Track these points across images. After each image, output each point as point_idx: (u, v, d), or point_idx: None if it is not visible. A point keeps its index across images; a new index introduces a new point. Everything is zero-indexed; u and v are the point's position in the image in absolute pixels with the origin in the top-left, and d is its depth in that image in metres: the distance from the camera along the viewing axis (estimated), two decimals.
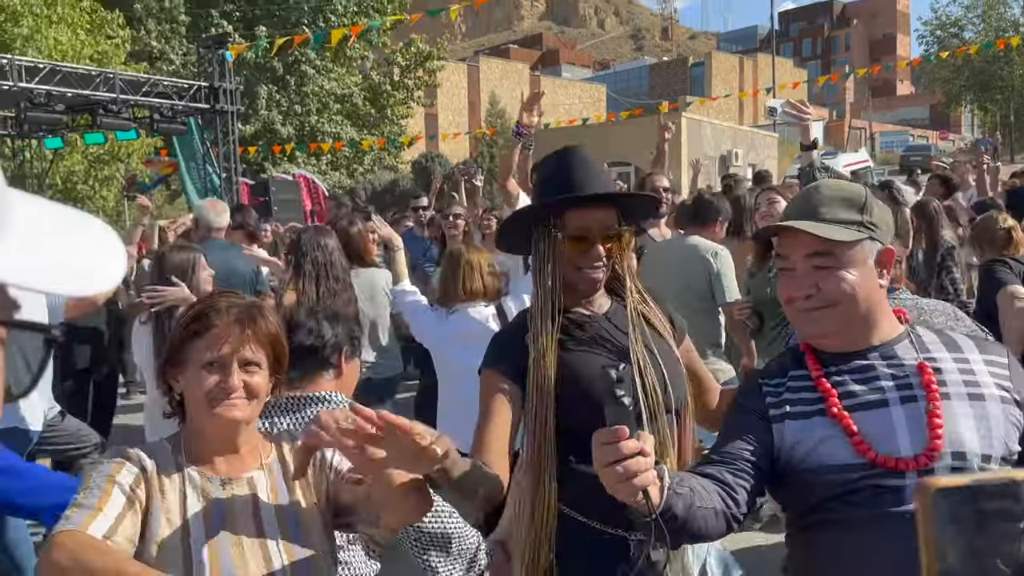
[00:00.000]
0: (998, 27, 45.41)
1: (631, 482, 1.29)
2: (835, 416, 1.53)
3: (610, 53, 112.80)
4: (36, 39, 17.28)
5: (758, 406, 1.62)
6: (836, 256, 1.55)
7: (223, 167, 14.06)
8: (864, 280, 1.56)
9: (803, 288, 1.57)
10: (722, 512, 1.49)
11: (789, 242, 1.60)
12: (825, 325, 1.58)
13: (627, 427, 1.29)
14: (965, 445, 1.48)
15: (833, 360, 1.60)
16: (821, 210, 1.58)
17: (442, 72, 30.45)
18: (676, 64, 69.68)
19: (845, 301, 1.55)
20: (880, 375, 1.57)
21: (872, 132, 50.63)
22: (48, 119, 12.41)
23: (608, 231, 1.87)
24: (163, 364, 1.68)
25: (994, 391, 1.55)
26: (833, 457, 1.52)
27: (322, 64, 24.98)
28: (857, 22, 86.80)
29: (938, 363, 1.57)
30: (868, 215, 1.59)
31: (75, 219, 0.62)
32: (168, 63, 22.88)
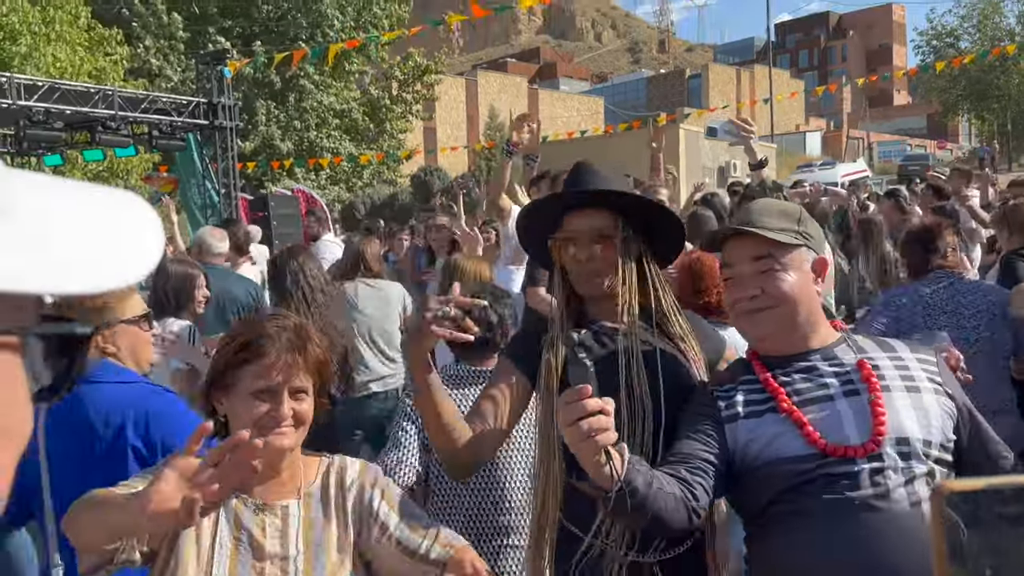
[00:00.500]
0: (993, 36, 45.64)
1: (594, 439, 1.34)
2: (785, 411, 1.63)
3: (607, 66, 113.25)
4: (34, 57, 17.33)
5: (710, 410, 1.70)
6: (777, 259, 1.69)
7: (222, 183, 14.08)
8: (803, 284, 1.70)
9: (748, 290, 1.69)
10: (682, 500, 1.53)
11: (734, 250, 1.73)
12: (769, 325, 1.69)
13: (589, 386, 1.34)
14: (907, 431, 1.59)
15: (778, 364, 1.71)
16: (762, 219, 1.71)
17: (440, 86, 30.55)
18: (673, 76, 69.98)
19: (787, 301, 1.68)
20: (823, 373, 1.68)
21: (870, 142, 50.76)
22: (47, 137, 12.42)
23: (600, 232, 1.87)
24: (208, 386, 1.66)
25: (927, 384, 1.68)
26: (786, 450, 1.60)
27: (320, 79, 25.05)
28: (853, 33, 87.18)
29: (875, 361, 1.70)
30: (803, 227, 1.73)
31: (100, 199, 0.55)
32: (167, 80, 22.94)
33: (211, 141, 14.17)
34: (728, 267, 1.74)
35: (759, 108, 54.50)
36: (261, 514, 1.59)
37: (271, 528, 1.59)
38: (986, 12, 47.21)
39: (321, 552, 1.60)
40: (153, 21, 23.36)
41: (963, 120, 54.86)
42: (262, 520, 1.59)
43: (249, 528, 1.57)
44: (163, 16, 23.30)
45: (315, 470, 1.70)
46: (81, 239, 0.52)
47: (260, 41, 24.07)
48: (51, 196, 0.53)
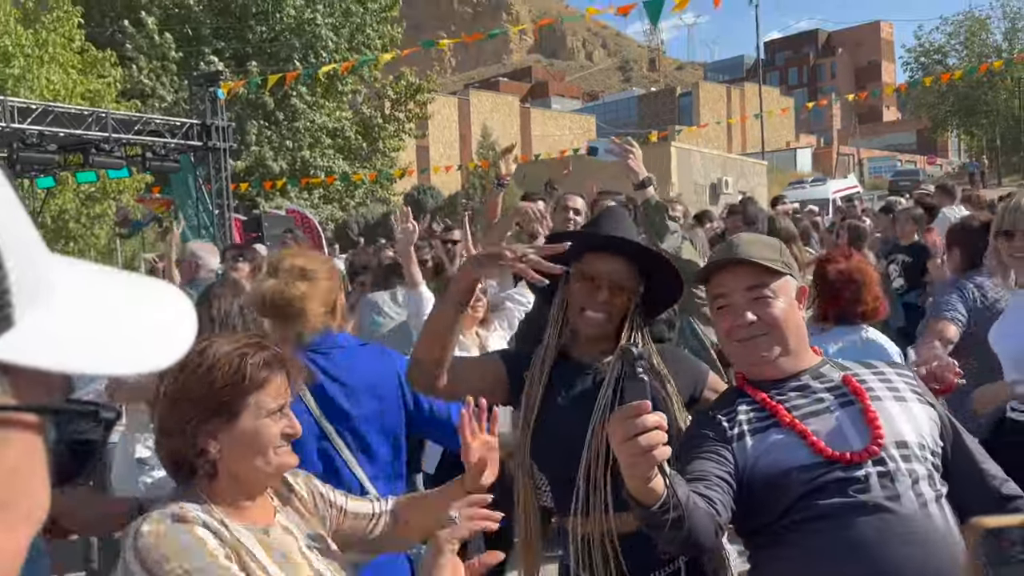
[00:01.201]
0: (981, 53, 46.12)
1: (651, 455, 1.34)
2: (788, 424, 1.70)
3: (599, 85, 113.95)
4: (28, 79, 17.37)
5: (715, 432, 1.74)
6: (769, 287, 1.78)
7: (216, 203, 14.10)
8: (792, 310, 1.80)
9: (743, 317, 1.76)
10: (711, 515, 1.55)
11: (726, 280, 1.81)
12: (765, 350, 1.77)
13: (647, 401, 1.35)
14: (904, 435, 1.67)
15: (771, 385, 1.78)
16: (751, 250, 1.80)
17: (433, 105, 30.68)
18: (664, 94, 70.41)
19: (778, 327, 1.77)
20: (816, 389, 1.77)
21: (860, 158, 51.09)
22: (40, 159, 12.44)
23: (619, 280, 1.97)
24: (197, 423, 1.55)
25: (911, 394, 1.78)
26: (795, 460, 1.65)
27: (313, 100, 25.13)
28: (842, 51, 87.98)
29: (860, 376, 1.79)
30: (785, 257, 1.84)
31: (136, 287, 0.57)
32: (160, 100, 22.99)
33: (204, 162, 14.20)
34: (721, 296, 1.82)
35: (750, 125, 54.87)
36: (271, 533, 1.61)
37: (289, 540, 1.63)
38: (973, 29, 47.73)
39: (318, 538, 1.69)
40: (146, 42, 23.41)
41: (952, 136, 55.29)
42: (275, 538, 1.61)
43: (274, 546, 1.59)
44: (155, 36, 23.36)
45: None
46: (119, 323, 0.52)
47: (254, 62, 24.14)
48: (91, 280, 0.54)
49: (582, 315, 1.97)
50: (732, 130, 57.31)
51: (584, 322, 1.98)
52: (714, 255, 1.92)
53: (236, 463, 1.57)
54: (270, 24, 25.35)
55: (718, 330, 1.87)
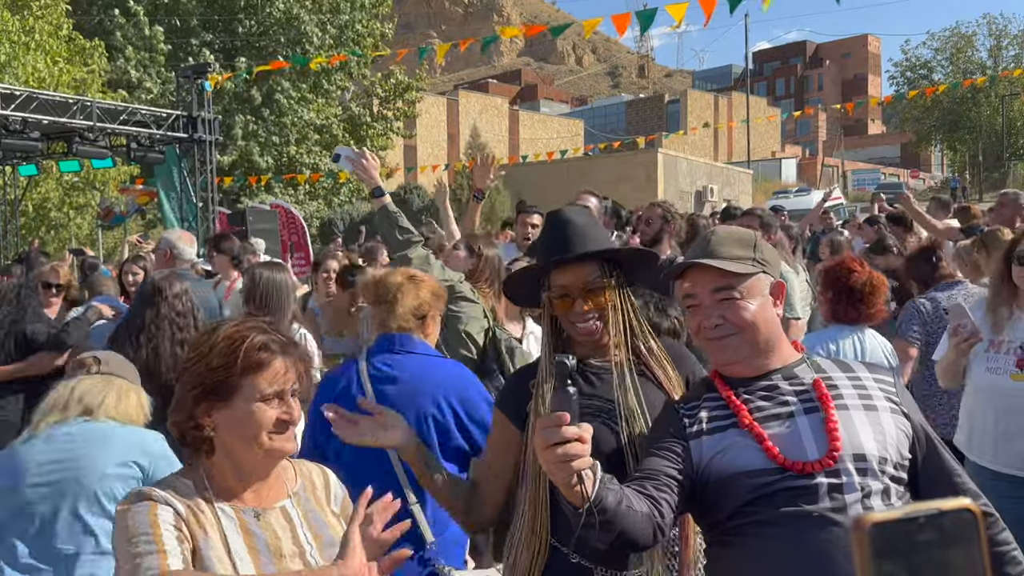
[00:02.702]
0: (966, 69, 46.62)
1: (568, 464, 1.39)
2: (747, 426, 1.68)
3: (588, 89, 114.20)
4: (13, 66, 17.18)
5: (675, 427, 1.76)
6: (736, 288, 1.75)
7: (200, 196, 14.01)
8: (762, 309, 1.77)
9: (710, 318, 1.76)
10: (648, 517, 1.58)
11: (694, 280, 1.80)
12: (732, 352, 1.76)
13: (569, 413, 1.39)
14: (864, 448, 1.64)
15: (741, 383, 1.77)
16: (719, 250, 1.78)
17: (421, 104, 30.63)
18: (652, 101, 70.70)
19: (748, 328, 1.74)
20: (784, 392, 1.74)
21: (844, 170, 51.49)
22: (23, 146, 12.32)
23: (589, 286, 1.96)
24: (195, 400, 1.62)
25: (884, 403, 1.73)
26: (747, 464, 1.65)
27: (299, 95, 25.03)
28: (829, 63, 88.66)
29: (833, 380, 1.76)
30: (759, 253, 1.81)
31: None
32: (147, 92, 22.82)
33: (190, 154, 14.11)
34: (689, 296, 1.81)
35: (736, 135, 55.17)
36: (264, 518, 1.63)
37: (280, 529, 1.64)
38: (959, 45, 48.25)
39: (327, 534, 1.70)
40: (135, 33, 23.25)
41: (936, 150, 55.84)
42: (268, 523, 1.63)
43: (259, 533, 1.61)
44: (145, 28, 23.20)
45: (294, 471, 1.76)
46: None
47: (241, 56, 24.02)
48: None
49: (574, 327, 1.98)
50: (719, 139, 57.61)
51: (578, 333, 1.98)
52: (688, 251, 1.90)
53: (230, 443, 1.61)
54: (259, 18, 25.23)
55: (689, 327, 1.87)
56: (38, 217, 19.51)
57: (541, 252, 2.06)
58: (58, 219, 19.81)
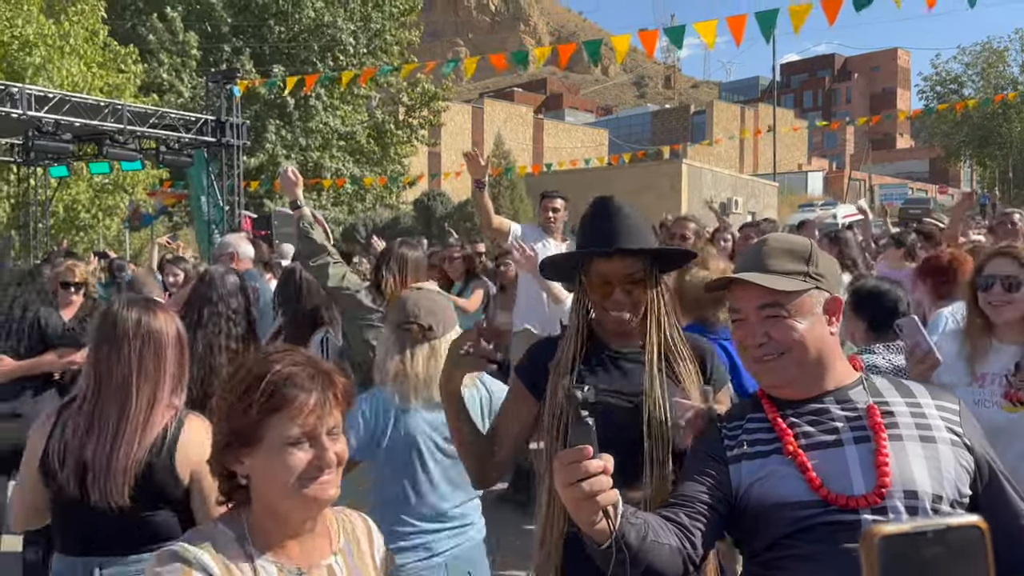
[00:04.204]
0: (997, 85, 46.07)
1: (595, 500, 1.30)
2: (790, 454, 1.58)
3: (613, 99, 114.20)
4: (48, 69, 17.48)
5: (716, 449, 1.67)
6: (784, 306, 1.63)
7: (227, 200, 14.17)
8: (813, 328, 1.63)
9: (755, 336, 1.64)
10: (678, 550, 1.51)
11: (740, 294, 1.68)
12: (781, 374, 1.64)
13: (591, 446, 1.31)
14: (916, 484, 1.51)
15: (789, 404, 1.66)
16: (768, 262, 1.67)
17: (447, 112, 30.78)
18: (678, 112, 70.51)
19: (796, 348, 1.62)
20: (835, 417, 1.61)
21: (871, 184, 51.05)
22: (55, 148, 12.53)
23: (630, 277, 2.00)
24: (223, 446, 1.44)
25: (945, 434, 1.59)
26: (789, 494, 1.55)
27: (329, 101, 25.25)
28: (858, 76, 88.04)
29: (890, 406, 1.62)
30: (814, 266, 1.67)
31: None
32: (177, 95, 23.12)
33: (217, 158, 14.28)
34: (735, 311, 1.70)
35: (762, 147, 54.87)
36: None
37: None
38: (990, 60, 47.71)
39: None
40: (170, 38, 23.58)
41: (965, 166, 55.20)
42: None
43: None
44: (180, 34, 23.53)
45: (337, 524, 1.58)
46: None
47: (273, 62, 24.30)
48: None
49: (606, 314, 2.02)
50: (744, 150, 57.32)
51: (609, 320, 2.02)
52: (738, 261, 1.82)
53: (265, 492, 1.43)
54: (288, 24, 25.50)
55: (733, 341, 1.76)
56: (68, 218, 19.79)
57: (588, 237, 2.05)
58: (87, 220, 20.08)
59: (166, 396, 2.18)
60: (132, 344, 2.17)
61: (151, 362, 2.17)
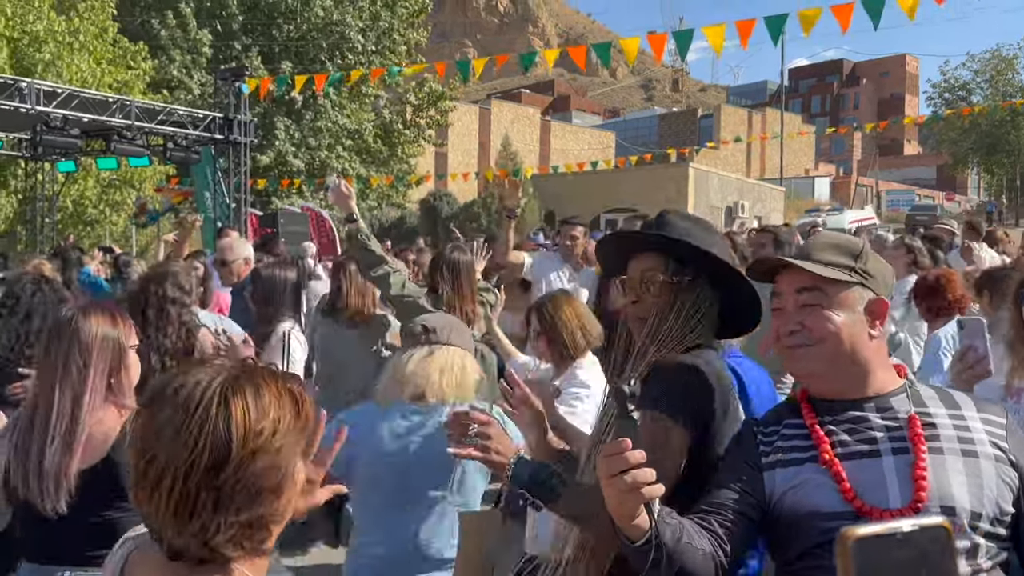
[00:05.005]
0: (1006, 92, 45.94)
1: (638, 492, 1.30)
2: (826, 463, 1.54)
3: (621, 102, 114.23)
4: (58, 65, 17.55)
5: (751, 454, 1.64)
6: (823, 294, 1.60)
7: (233, 197, 14.19)
8: (851, 324, 1.59)
9: (788, 324, 1.62)
10: (711, 556, 1.50)
11: (783, 279, 1.66)
12: (809, 364, 1.61)
13: (632, 440, 1.30)
14: (955, 500, 1.47)
15: (828, 409, 1.61)
16: (815, 253, 1.65)
17: (454, 113, 30.79)
18: (685, 115, 70.47)
19: (828, 340, 1.58)
20: (874, 426, 1.57)
21: (878, 190, 50.96)
22: (63, 143, 12.57)
23: (647, 275, 1.90)
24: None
25: (988, 449, 1.54)
26: (822, 504, 1.52)
27: (338, 100, 25.30)
28: (866, 81, 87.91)
29: (932, 417, 1.57)
30: (862, 263, 1.64)
31: None
32: (187, 91, 23.20)
33: (225, 155, 14.31)
34: (776, 297, 1.67)
35: (769, 152, 54.82)
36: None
37: None
38: (999, 68, 47.58)
39: None
40: (182, 35, 23.66)
41: (972, 173, 55.07)
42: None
43: None
44: (193, 31, 23.62)
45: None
46: None
47: (282, 59, 24.35)
48: None
49: (627, 317, 1.93)
50: (751, 155, 57.27)
51: (629, 323, 1.92)
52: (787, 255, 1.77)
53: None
54: (297, 23, 25.56)
55: (772, 330, 1.69)
56: (75, 213, 19.86)
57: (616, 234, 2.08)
58: (94, 216, 20.15)
59: (98, 398, 2.12)
60: (57, 347, 2.13)
61: (75, 364, 2.11)
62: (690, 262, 1.88)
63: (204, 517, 1.06)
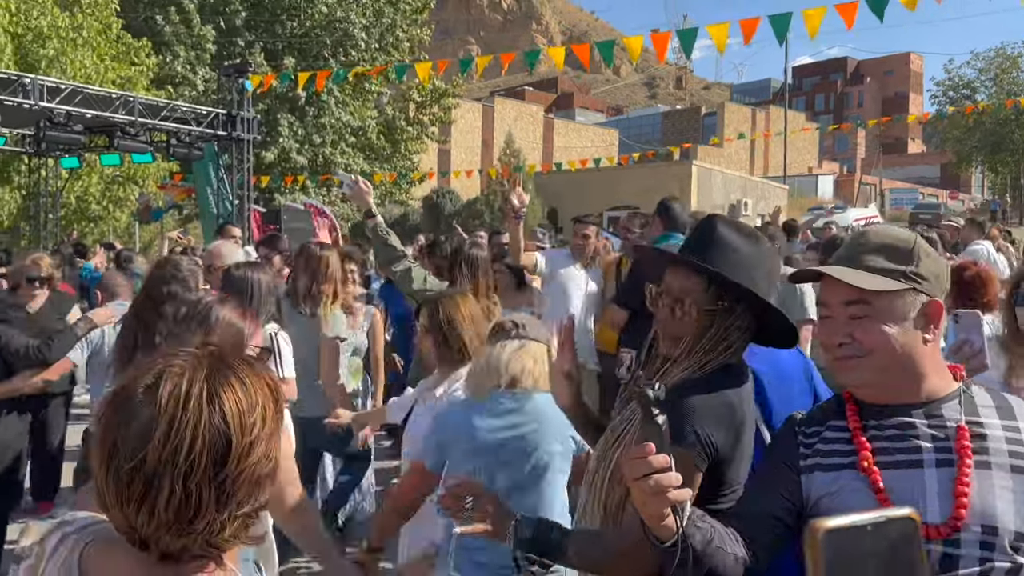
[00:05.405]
0: (1010, 91, 45.83)
1: (663, 496, 1.28)
2: (865, 471, 1.48)
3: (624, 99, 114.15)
4: (61, 61, 17.57)
5: (790, 456, 1.58)
6: (872, 305, 1.50)
7: (236, 194, 14.20)
8: (904, 333, 1.50)
9: (837, 335, 1.53)
10: (742, 560, 1.48)
11: (828, 289, 1.56)
12: (859, 375, 1.53)
13: (657, 445, 1.29)
14: (997, 519, 1.40)
15: (874, 413, 1.54)
16: (863, 257, 1.54)
17: (457, 110, 30.79)
18: (689, 113, 70.37)
19: (879, 353, 1.50)
20: (920, 434, 1.49)
21: (882, 188, 50.87)
22: (66, 139, 12.58)
23: (683, 294, 1.83)
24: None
25: None
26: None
27: (341, 97, 25.30)
28: (870, 80, 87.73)
29: (984, 428, 1.48)
30: (914, 265, 1.52)
31: None
32: (191, 87, 23.20)
33: (228, 152, 14.32)
34: (823, 306, 1.58)
35: (773, 150, 54.75)
36: None
37: None
38: (1004, 66, 47.47)
39: None
40: (185, 31, 23.66)
41: (976, 171, 54.97)
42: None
43: None
44: (197, 27, 23.61)
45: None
46: None
47: (286, 56, 24.34)
48: None
49: (658, 331, 1.89)
50: (755, 153, 57.19)
51: (660, 338, 1.89)
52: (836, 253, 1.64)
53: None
54: (301, 20, 25.55)
55: (819, 339, 1.62)
56: (79, 209, 19.89)
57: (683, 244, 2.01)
58: (98, 212, 20.18)
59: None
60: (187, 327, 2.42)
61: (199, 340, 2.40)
62: (732, 288, 1.80)
63: (209, 516, 1.03)
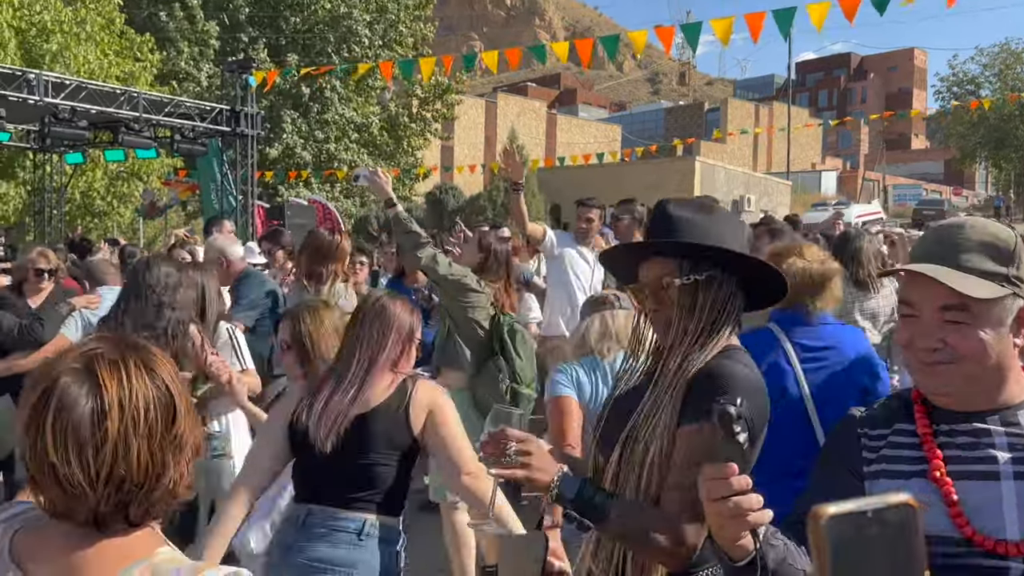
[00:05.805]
0: (1014, 87, 45.72)
1: (743, 519, 1.22)
2: (936, 481, 1.36)
3: (627, 95, 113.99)
4: (64, 56, 17.58)
5: (853, 460, 1.47)
6: (972, 312, 1.36)
7: (240, 190, 14.22)
8: (999, 340, 1.37)
9: (928, 340, 1.39)
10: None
11: (918, 287, 1.40)
12: (945, 382, 1.40)
13: (738, 464, 1.22)
14: None
15: (946, 417, 1.42)
16: (963, 257, 1.38)
17: (460, 106, 30.79)
18: (692, 108, 70.28)
19: (972, 360, 1.37)
20: (996, 443, 1.37)
21: (885, 184, 50.79)
22: (71, 135, 12.60)
23: (659, 281, 1.79)
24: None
25: None
26: (928, 526, 1.29)
27: (345, 92, 25.32)
28: (874, 75, 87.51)
29: None
30: (1015, 268, 1.39)
31: None
32: (195, 83, 23.21)
33: (232, 148, 14.34)
34: (908, 305, 1.43)
35: (776, 146, 54.66)
36: None
37: None
38: (1008, 62, 47.34)
39: None
40: (190, 28, 23.68)
41: (980, 168, 54.85)
42: None
43: None
44: (201, 23, 23.63)
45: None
46: None
47: (289, 52, 24.36)
48: None
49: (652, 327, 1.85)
50: (758, 149, 57.13)
51: (653, 328, 1.84)
52: (918, 244, 1.50)
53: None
54: (304, 16, 25.56)
55: (897, 337, 1.50)
56: (83, 205, 19.93)
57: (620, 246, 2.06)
58: (102, 208, 20.21)
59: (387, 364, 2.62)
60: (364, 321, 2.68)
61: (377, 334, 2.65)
62: (703, 258, 1.76)
63: (171, 471, 1.19)
